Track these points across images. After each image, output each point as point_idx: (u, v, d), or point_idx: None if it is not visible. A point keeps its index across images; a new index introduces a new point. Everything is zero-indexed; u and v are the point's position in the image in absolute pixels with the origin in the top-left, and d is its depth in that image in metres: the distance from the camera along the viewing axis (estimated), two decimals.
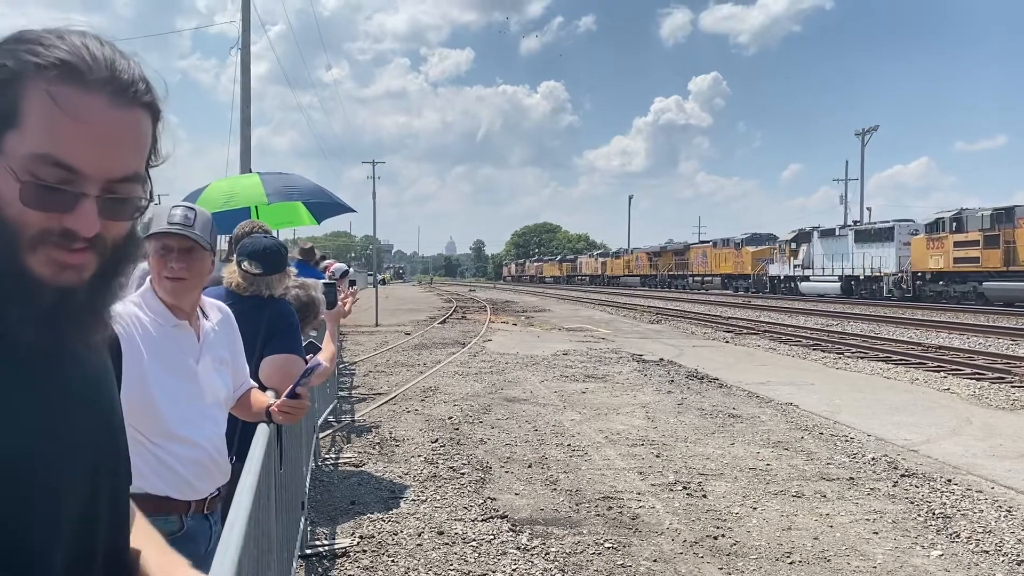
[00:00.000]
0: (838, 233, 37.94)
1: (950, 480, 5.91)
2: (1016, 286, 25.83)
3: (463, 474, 6.02)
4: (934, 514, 5.12)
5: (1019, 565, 4.32)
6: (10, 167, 0.79)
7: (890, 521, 5.00)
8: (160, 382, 2.00)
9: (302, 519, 4.19)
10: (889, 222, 35.03)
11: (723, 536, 4.71)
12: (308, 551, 4.37)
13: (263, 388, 2.65)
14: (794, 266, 40.77)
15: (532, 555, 4.40)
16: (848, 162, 59.31)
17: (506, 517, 5.01)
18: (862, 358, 13.99)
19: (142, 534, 1.07)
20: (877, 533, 4.78)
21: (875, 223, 37.50)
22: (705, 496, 5.51)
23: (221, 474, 2.17)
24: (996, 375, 11.61)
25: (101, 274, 0.86)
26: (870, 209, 49.81)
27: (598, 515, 5.09)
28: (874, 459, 6.51)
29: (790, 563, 4.32)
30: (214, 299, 2.37)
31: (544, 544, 4.57)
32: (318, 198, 6.55)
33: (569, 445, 6.98)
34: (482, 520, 4.97)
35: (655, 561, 4.34)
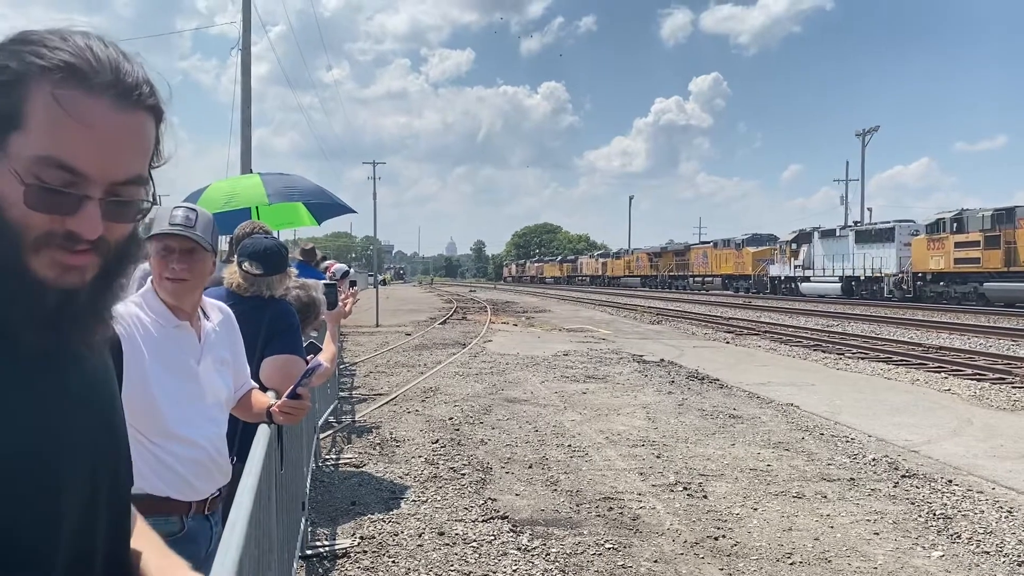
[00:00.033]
0: (839, 234, 37.95)
1: (951, 481, 5.91)
2: (1017, 287, 25.83)
3: (464, 475, 6.02)
4: (935, 515, 5.11)
5: (1020, 566, 4.32)
6: (14, 169, 0.79)
7: (891, 522, 5.00)
8: (161, 382, 2.00)
9: (303, 520, 4.19)
10: (890, 223, 35.02)
11: (724, 537, 4.71)
12: (309, 552, 4.37)
13: (264, 389, 2.65)
14: (795, 267, 40.77)
15: (533, 556, 4.40)
16: (848, 163, 59.36)
17: (507, 518, 5.01)
18: (863, 359, 13.98)
19: (141, 536, 1.07)
20: (878, 534, 4.78)
21: (876, 224, 37.50)
22: (706, 497, 5.51)
23: (222, 475, 2.17)
24: (997, 376, 11.61)
25: (103, 275, 0.86)
26: (871, 210, 49.86)
27: (599, 516, 5.09)
28: (875, 460, 6.51)
29: (791, 564, 4.32)
30: (215, 300, 2.38)
31: (545, 545, 4.57)
32: (319, 199, 6.56)
33: (570, 446, 6.98)
34: (483, 521, 4.97)
35: (656, 562, 4.34)
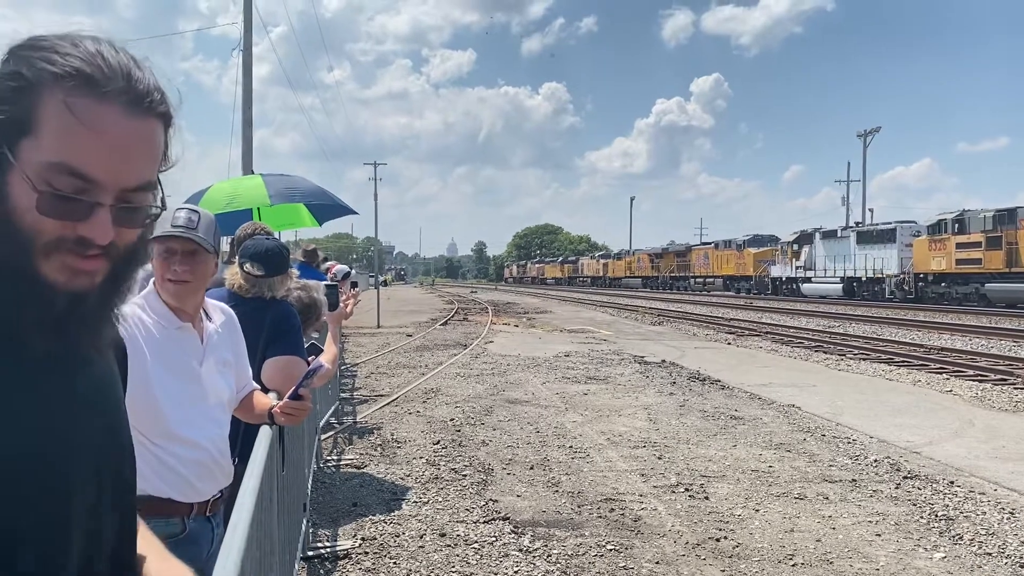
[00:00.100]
0: (840, 234, 37.93)
1: (953, 482, 5.90)
2: (1018, 287, 25.81)
3: (465, 476, 6.02)
4: (937, 516, 5.11)
5: (1022, 567, 4.31)
6: (26, 175, 0.79)
7: (893, 523, 4.99)
8: (163, 384, 2.00)
9: (304, 521, 4.19)
10: (891, 223, 35.01)
11: (725, 538, 4.71)
12: (310, 553, 4.37)
13: (265, 390, 2.65)
14: (796, 267, 40.75)
15: (534, 557, 4.40)
16: (850, 163, 59.02)
17: (508, 519, 5.01)
18: (864, 359, 13.97)
19: (142, 539, 1.07)
20: (880, 535, 4.78)
21: (877, 224, 37.49)
22: (707, 498, 5.50)
23: (224, 476, 2.17)
24: (999, 377, 11.60)
25: (111, 279, 0.87)
26: (872, 210, 49.94)
27: (600, 517, 5.09)
28: (876, 461, 6.50)
29: (792, 565, 4.31)
30: (217, 301, 2.38)
31: (546, 546, 4.56)
32: (320, 200, 6.56)
33: (571, 447, 6.98)
34: (484, 522, 4.97)
35: (657, 563, 4.34)
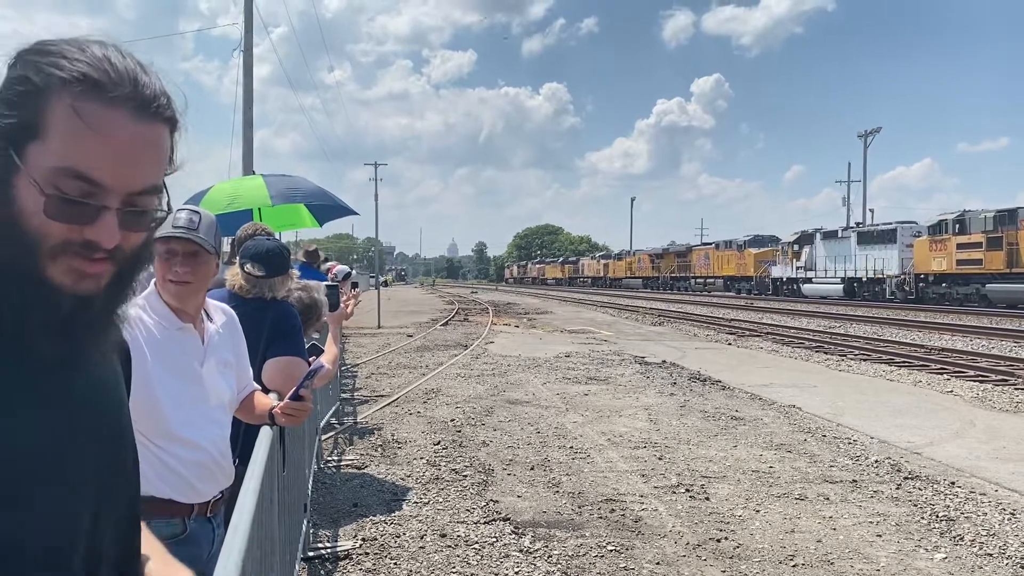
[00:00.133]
0: (841, 235, 37.92)
1: (954, 483, 5.90)
2: (1019, 288, 25.80)
3: (465, 476, 6.02)
4: (938, 517, 5.10)
5: (1023, 568, 4.31)
6: (33, 179, 0.79)
7: (893, 524, 4.99)
8: (164, 385, 2.00)
9: (305, 521, 4.19)
10: (892, 224, 35.00)
11: (726, 539, 4.70)
12: (310, 553, 4.37)
13: (266, 390, 2.65)
14: (796, 268, 40.75)
15: (535, 558, 4.40)
16: (851, 164, 59.02)
17: (508, 519, 5.01)
18: (865, 360, 13.97)
19: (144, 542, 1.08)
20: (880, 536, 4.77)
21: (878, 225, 37.48)
22: (708, 499, 5.50)
23: (224, 477, 2.17)
24: (1000, 377, 11.59)
25: (117, 281, 0.87)
26: (873, 211, 49.94)
27: (601, 518, 5.09)
28: (877, 462, 6.50)
29: (793, 566, 4.31)
30: (218, 301, 2.37)
31: (547, 547, 4.56)
32: (321, 200, 6.57)
33: (571, 447, 6.97)
34: (484, 522, 4.97)
35: (658, 564, 4.34)
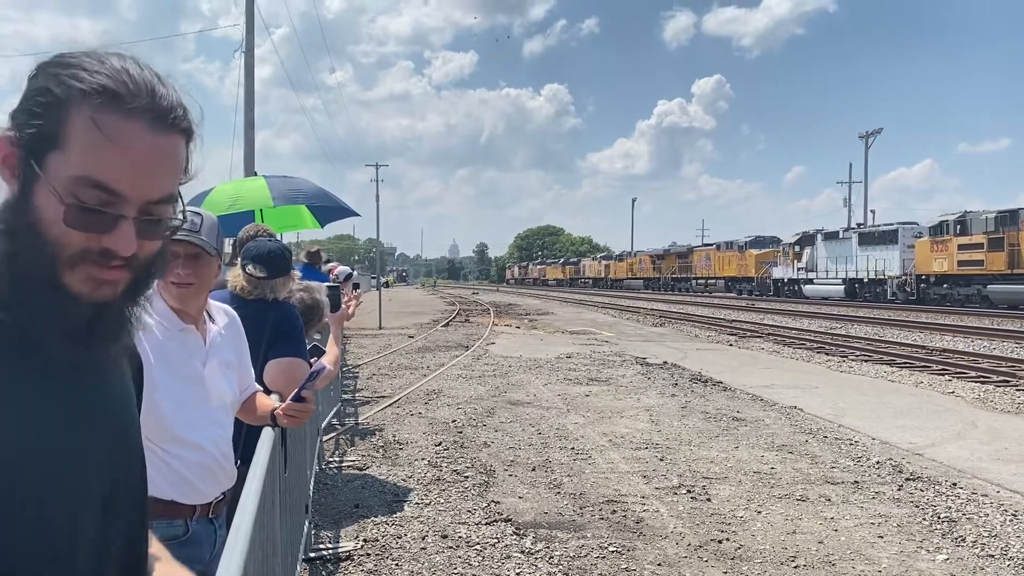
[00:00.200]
0: (842, 236, 37.89)
1: (955, 484, 5.89)
2: (1021, 289, 25.77)
3: (467, 477, 6.02)
4: (939, 518, 5.10)
5: None
6: (53, 188, 0.81)
7: (895, 525, 4.98)
8: (166, 386, 1.99)
9: (306, 523, 4.19)
10: (893, 225, 34.97)
11: (727, 540, 4.70)
12: (312, 555, 4.37)
13: (267, 391, 2.65)
14: (798, 269, 40.72)
15: (536, 559, 4.40)
16: (852, 165, 59.07)
17: (510, 520, 5.01)
18: (866, 361, 13.96)
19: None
20: (882, 537, 4.77)
21: (879, 226, 37.45)
22: (709, 500, 5.50)
23: (227, 478, 2.16)
24: (1001, 378, 11.58)
25: (132, 288, 0.89)
26: (874, 212, 50.00)
27: (602, 519, 5.08)
28: (879, 463, 6.49)
29: (795, 567, 4.31)
30: (220, 303, 2.37)
31: (548, 548, 4.56)
32: (322, 202, 6.57)
33: (573, 448, 6.97)
34: (486, 524, 4.96)
35: (659, 565, 4.34)
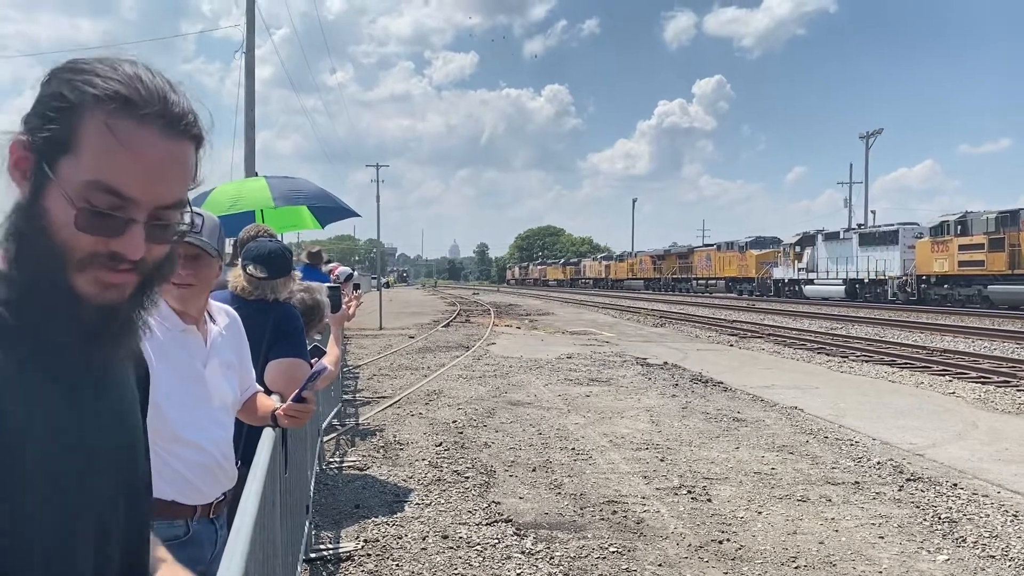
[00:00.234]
0: (842, 236, 37.89)
1: (956, 484, 5.89)
2: (1021, 289, 25.77)
3: (467, 478, 6.02)
4: (940, 518, 5.10)
5: None
6: (65, 192, 0.82)
7: (896, 525, 4.98)
8: (167, 386, 1.99)
9: (307, 523, 4.20)
10: (893, 225, 34.97)
11: (728, 541, 4.70)
12: (312, 555, 4.37)
13: (268, 392, 2.65)
14: (798, 269, 40.71)
15: (537, 559, 4.40)
16: (852, 165, 59.19)
17: (510, 521, 5.01)
18: (867, 361, 13.96)
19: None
20: (883, 537, 4.77)
21: (879, 226, 37.45)
22: (710, 500, 5.50)
23: (227, 478, 2.17)
24: (1002, 379, 11.58)
25: (139, 292, 0.90)
26: (874, 212, 50.01)
27: (603, 519, 5.08)
28: (879, 463, 6.49)
29: (795, 568, 4.31)
30: (221, 303, 2.38)
31: (549, 548, 4.56)
32: (323, 202, 6.58)
33: (573, 449, 6.97)
34: (486, 524, 4.97)
35: (660, 566, 4.34)
